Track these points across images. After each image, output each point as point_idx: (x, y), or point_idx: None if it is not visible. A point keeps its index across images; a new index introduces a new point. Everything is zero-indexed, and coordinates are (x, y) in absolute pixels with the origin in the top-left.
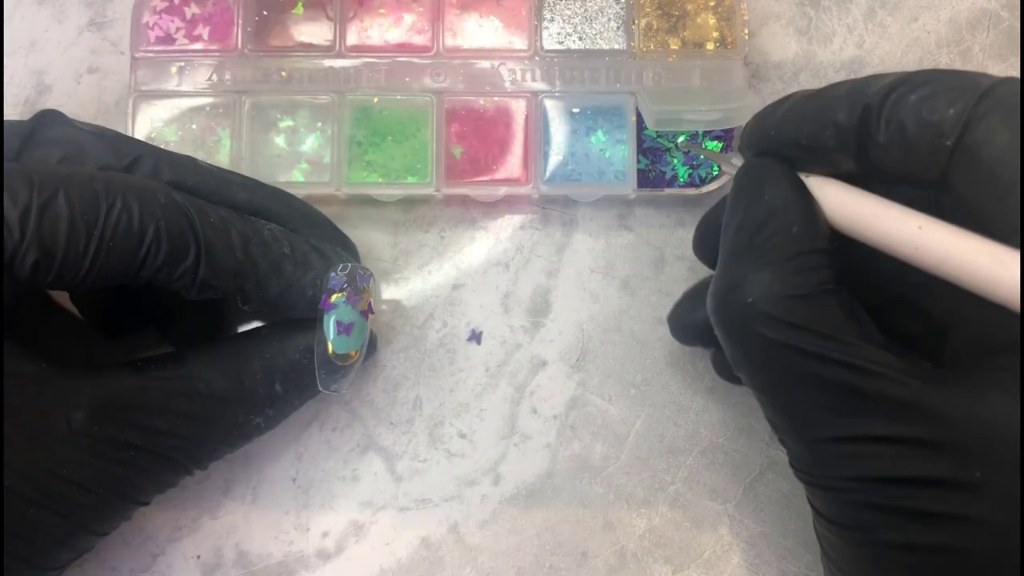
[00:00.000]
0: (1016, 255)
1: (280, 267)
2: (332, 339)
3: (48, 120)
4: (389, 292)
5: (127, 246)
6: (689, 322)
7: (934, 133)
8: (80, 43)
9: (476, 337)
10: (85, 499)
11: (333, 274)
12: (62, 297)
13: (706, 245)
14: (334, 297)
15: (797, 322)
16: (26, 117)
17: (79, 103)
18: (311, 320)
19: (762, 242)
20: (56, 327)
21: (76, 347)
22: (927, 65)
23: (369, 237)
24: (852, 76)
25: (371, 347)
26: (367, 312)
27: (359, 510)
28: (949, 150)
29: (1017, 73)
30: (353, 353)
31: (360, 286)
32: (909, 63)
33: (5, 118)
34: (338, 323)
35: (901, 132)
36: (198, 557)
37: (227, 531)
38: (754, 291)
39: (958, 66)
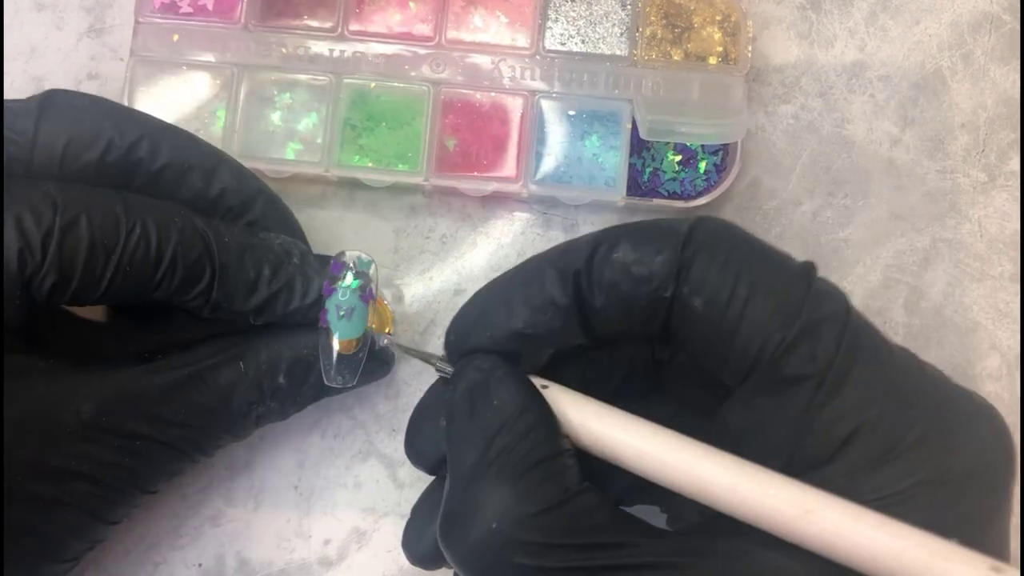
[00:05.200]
0: (713, 457)
1: (292, 283)
2: (333, 323)
3: (56, 100)
4: (391, 298)
5: (143, 272)
6: (427, 550)
7: (649, 287)
8: (80, 49)
9: None
10: (95, 490)
11: (333, 261)
12: None
13: (423, 450)
14: (335, 283)
15: (555, 541)
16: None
17: None
18: None
19: (497, 454)
20: (60, 326)
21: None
22: (930, 68)
23: (370, 243)
24: (854, 80)
25: (384, 364)
26: (368, 297)
27: (361, 517)
28: (667, 302)
29: (1018, 75)
30: (355, 340)
31: (360, 271)
32: (911, 66)
33: (9, 97)
34: (338, 307)
35: (616, 292)
36: (200, 565)
37: (229, 539)
38: (496, 514)
39: (960, 69)
